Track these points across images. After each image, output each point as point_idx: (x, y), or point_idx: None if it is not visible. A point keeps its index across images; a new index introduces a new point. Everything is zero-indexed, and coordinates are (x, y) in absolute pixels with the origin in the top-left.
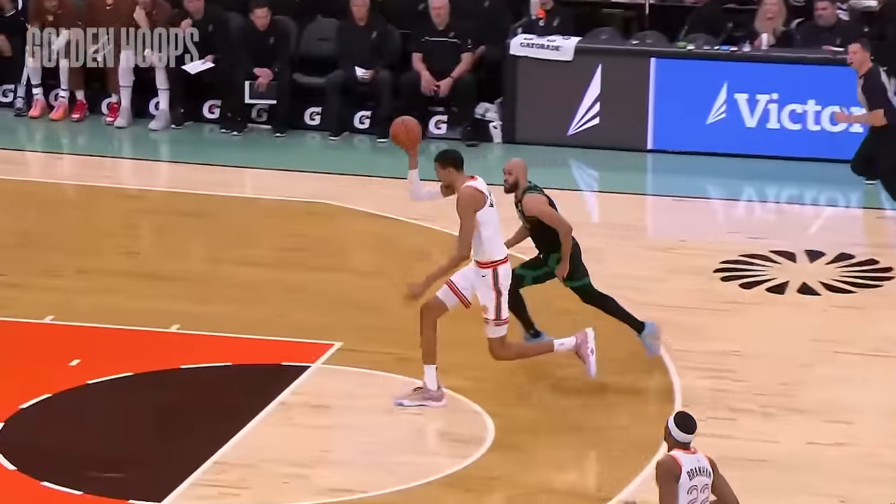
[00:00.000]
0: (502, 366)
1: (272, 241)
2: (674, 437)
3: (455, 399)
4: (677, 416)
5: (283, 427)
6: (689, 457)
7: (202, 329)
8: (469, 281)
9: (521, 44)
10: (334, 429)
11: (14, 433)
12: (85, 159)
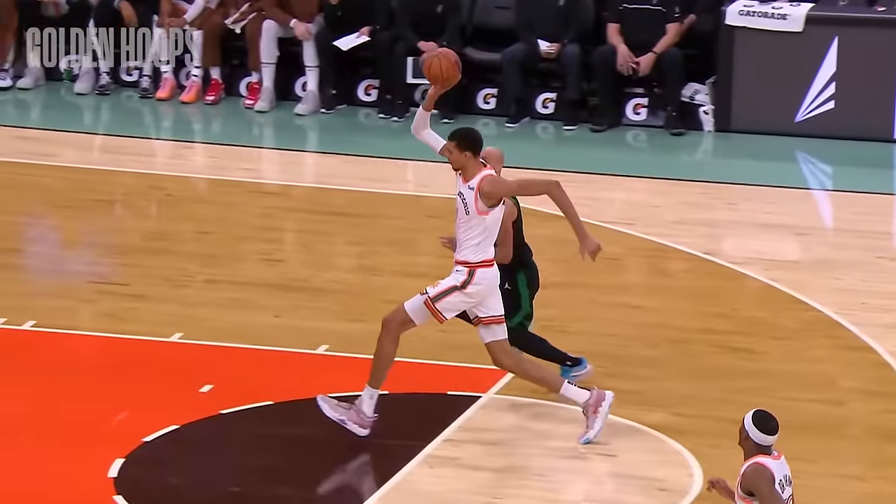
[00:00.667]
0: (709, 399)
1: (437, 246)
2: (752, 440)
3: (652, 437)
4: (756, 415)
5: (448, 469)
6: (777, 463)
7: (354, 351)
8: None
9: (739, 11)
10: (508, 472)
11: (136, 470)
12: (220, 149)
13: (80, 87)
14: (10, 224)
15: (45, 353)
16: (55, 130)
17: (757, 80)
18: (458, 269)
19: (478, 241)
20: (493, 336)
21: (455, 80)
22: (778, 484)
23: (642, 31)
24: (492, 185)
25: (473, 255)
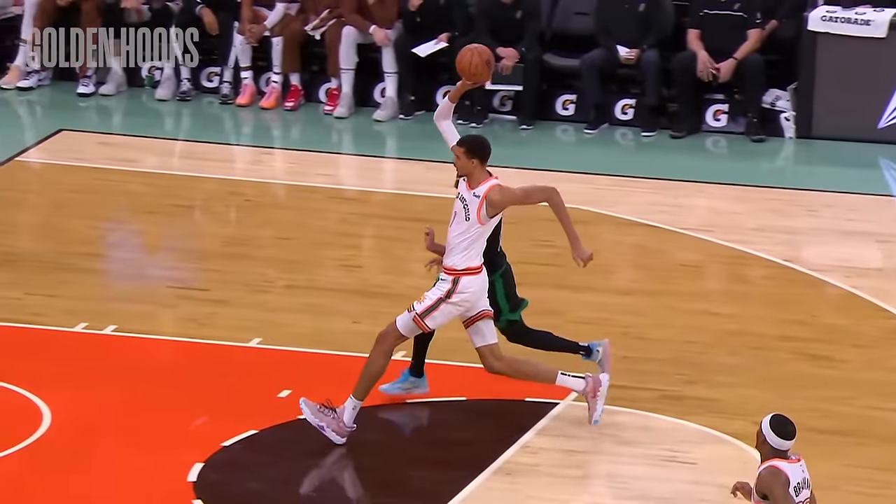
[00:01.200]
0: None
1: (516, 253)
2: (769, 444)
3: (732, 445)
4: (774, 420)
5: (526, 476)
6: (794, 467)
7: (434, 357)
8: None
9: (821, 17)
10: (586, 479)
11: (215, 475)
12: (299, 155)
13: (161, 93)
14: (93, 229)
15: (125, 357)
16: (137, 136)
17: (839, 86)
18: (442, 278)
19: (467, 247)
20: (483, 340)
21: (481, 80)
22: (793, 488)
23: (723, 37)
24: (500, 195)
25: (461, 261)
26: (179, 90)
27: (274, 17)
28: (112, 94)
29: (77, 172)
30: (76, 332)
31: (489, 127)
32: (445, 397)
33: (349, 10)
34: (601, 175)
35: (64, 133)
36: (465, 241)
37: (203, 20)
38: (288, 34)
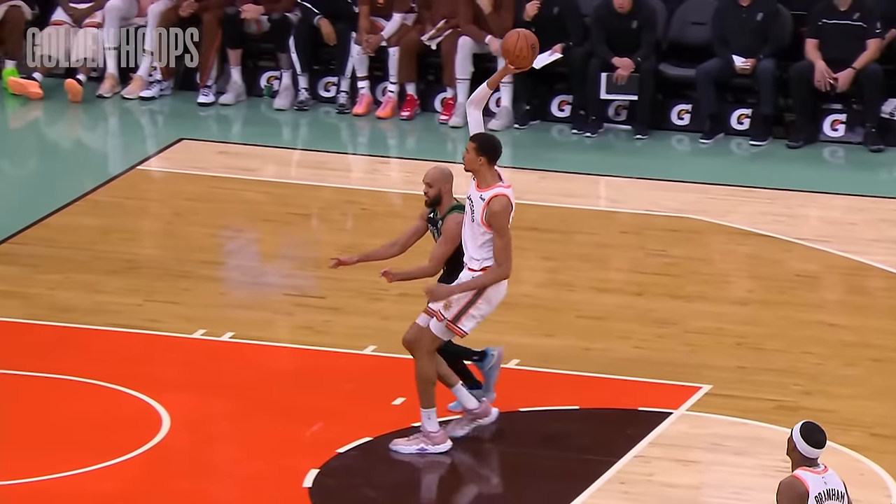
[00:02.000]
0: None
1: (630, 262)
2: (799, 452)
3: (847, 456)
4: (804, 427)
5: (639, 485)
6: (817, 477)
7: (546, 366)
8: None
9: None
10: (700, 489)
11: (330, 481)
12: (414, 164)
13: (279, 103)
14: (211, 237)
15: (242, 364)
16: (255, 145)
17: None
18: (473, 277)
19: (481, 245)
20: (436, 331)
21: (524, 63)
22: (815, 497)
23: (841, 47)
24: (500, 207)
25: (477, 263)
26: (297, 100)
27: (391, 28)
28: (231, 103)
29: (196, 181)
30: (195, 339)
31: (604, 136)
32: (559, 406)
33: (465, 21)
34: (715, 185)
35: (184, 142)
36: (478, 241)
37: (321, 31)
38: (404, 44)
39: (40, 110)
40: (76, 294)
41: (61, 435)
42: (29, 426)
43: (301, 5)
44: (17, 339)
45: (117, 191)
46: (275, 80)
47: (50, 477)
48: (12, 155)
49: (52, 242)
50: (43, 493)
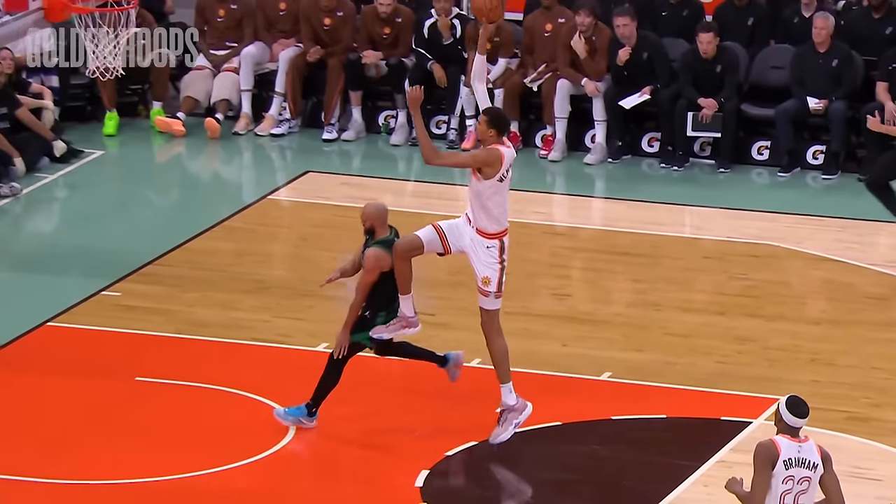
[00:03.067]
0: None
1: (713, 284)
2: (784, 421)
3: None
4: (790, 399)
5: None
6: (793, 444)
7: (635, 378)
8: (461, 241)
9: None
10: None
11: (440, 481)
12: (516, 194)
13: (395, 140)
14: (333, 260)
15: (360, 373)
16: (374, 177)
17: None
18: (489, 245)
19: (482, 207)
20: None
21: (496, 16)
22: (783, 461)
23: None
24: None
25: (490, 224)
26: (411, 136)
27: (497, 71)
28: (352, 139)
29: (321, 209)
30: (318, 352)
31: (690, 170)
32: (648, 415)
33: (563, 65)
34: (792, 214)
35: (310, 174)
36: (479, 203)
37: (434, 74)
38: (509, 86)
39: (183, 146)
40: (213, 311)
41: (200, 437)
42: (173, 429)
43: (416, 51)
44: (162, 351)
45: (250, 218)
46: (391, 118)
47: (192, 474)
48: (158, 186)
49: (193, 264)
50: (185, 488)
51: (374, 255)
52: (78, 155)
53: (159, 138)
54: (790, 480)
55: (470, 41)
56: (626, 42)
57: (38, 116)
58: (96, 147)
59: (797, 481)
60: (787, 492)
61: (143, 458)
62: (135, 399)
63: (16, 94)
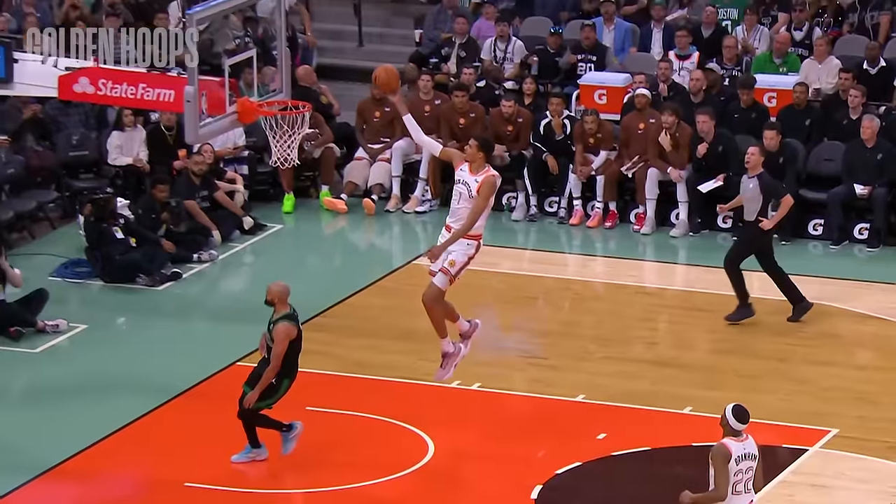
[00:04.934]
0: None
1: (776, 336)
2: (731, 426)
3: None
4: (734, 408)
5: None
6: (738, 444)
7: (712, 412)
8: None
9: None
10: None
11: (552, 494)
12: (613, 261)
13: (515, 216)
14: (466, 313)
15: (487, 406)
16: (498, 247)
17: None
18: (468, 243)
19: (481, 221)
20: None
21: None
22: (734, 459)
23: None
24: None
25: (476, 228)
26: (528, 213)
27: (598, 161)
28: None
29: None
30: (453, 388)
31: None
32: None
33: (653, 156)
34: (842, 279)
35: None
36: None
37: (548, 163)
38: (608, 173)
39: (346, 221)
40: (369, 354)
41: (358, 455)
42: (337, 448)
43: (533, 145)
44: (328, 387)
45: (398, 279)
46: (512, 199)
47: (354, 486)
48: (325, 253)
49: (353, 316)
50: (344, 496)
51: (283, 328)
52: (262, 228)
53: (327, 215)
54: (740, 472)
55: (577, 138)
56: (704, 136)
57: (232, 198)
58: (277, 222)
59: (745, 471)
60: (738, 481)
61: (314, 471)
62: (306, 425)
63: (215, 180)
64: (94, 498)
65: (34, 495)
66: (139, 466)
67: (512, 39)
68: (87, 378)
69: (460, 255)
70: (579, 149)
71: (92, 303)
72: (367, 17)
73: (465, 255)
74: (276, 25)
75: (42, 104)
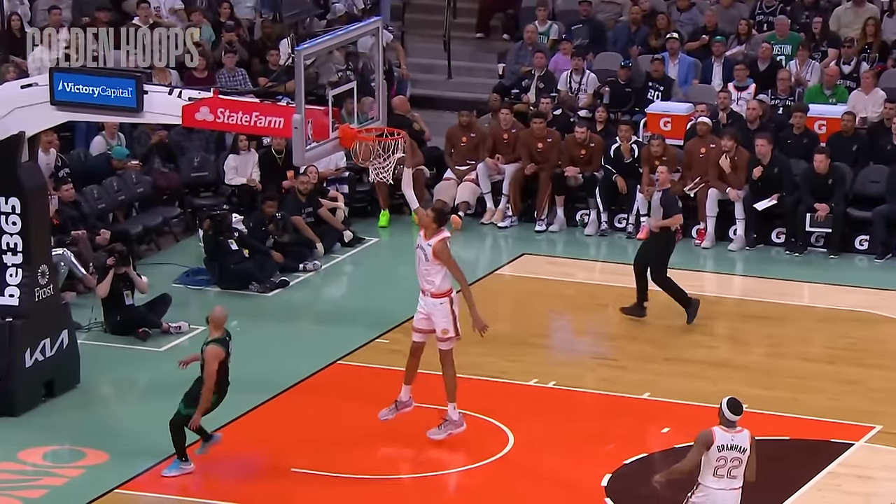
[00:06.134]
0: None
1: (825, 341)
2: (724, 416)
3: None
4: (729, 400)
5: (832, 493)
6: (727, 434)
7: (766, 409)
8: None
9: None
10: (877, 496)
11: (620, 482)
12: (676, 272)
13: (588, 231)
14: (543, 318)
15: (562, 403)
16: (572, 258)
17: None
18: (441, 302)
19: (435, 275)
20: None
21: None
22: (717, 446)
23: None
24: (441, 246)
25: (442, 285)
26: (600, 229)
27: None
28: (557, 231)
29: (533, 282)
30: (530, 385)
31: (807, 256)
32: (775, 436)
33: (713, 178)
34: (886, 290)
35: (525, 256)
36: (433, 273)
37: (617, 184)
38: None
39: None
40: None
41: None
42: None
43: (604, 167)
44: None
45: (482, 287)
46: (585, 216)
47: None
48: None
49: None
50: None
51: (212, 350)
52: (361, 241)
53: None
54: (723, 459)
55: (644, 160)
56: (761, 159)
57: (334, 214)
58: (373, 236)
59: (728, 460)
60: (720, 466)
61: (402, 459)
62: (396, 417)
63: (319, 198)
64: (209, 482)
65: (157, 479)
66: (250, 453)
67: (586, 72)
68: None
69: (443, 320)
70: (646, 170)
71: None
72: (456, 52)
73: (446, 316)
74: (374, 60)
75: (168, 130)
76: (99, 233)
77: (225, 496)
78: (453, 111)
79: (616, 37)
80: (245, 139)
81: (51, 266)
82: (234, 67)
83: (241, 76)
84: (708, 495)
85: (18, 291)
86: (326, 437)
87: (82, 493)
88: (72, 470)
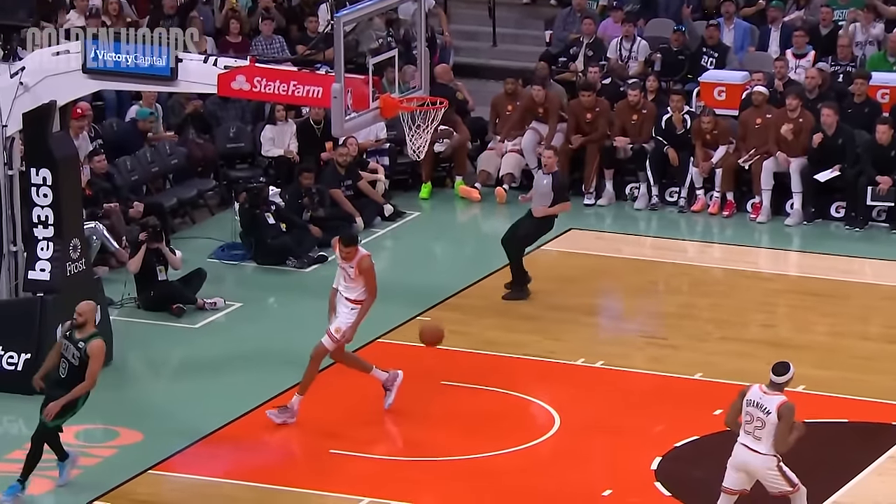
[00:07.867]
0: None
1: (887, 320)
2: (770, 377)
3: None
4: (777, 363)
5: (893, 477)
6: (759, 391)
7: (824, 390)
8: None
9: None
10: None
11: (670, 465)
12: (730, 248)
13: (638, 205)
14: (591, 295)
15: (609, 383)
16: (620, 234)
17: None
18: (352, 308)
19: (355, 289)
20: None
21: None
22: (746, 400)
23: None
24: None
25: (356, 297)
26: (650, 202)
27: (718, 155)
28: (605, 205)
29: (580, 258)
30: (577, 365)
31: (868, 231)
32: (833, 419)
33: (773, 146)
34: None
35: (572, 231)
36: (353, 288)
37: (669, 156)
38: (727, 165)
39: (479, 209)
40: (499, 333)
41: (488, 427)
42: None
43: (655, 138)
44: (461, 362)
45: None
46: (635, 189)
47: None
48: (459, 239)
49: (484, 297)
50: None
51: (98, 345)
52: (402, 215)
53: (461, 202)
54: (748, 415)
55: (695, 134)
56: (826, 129)
57: (374, 187)
58: (415, 209)
59: (754, 418)
60: (747, 422)
61: (446, 441)
62: (439, 397)
63: (358, 170)
64: (247, 462)
65: (191, 459)
66: (289, 433)
67: (636, 39)
68: (241, 351)
69: (344, 323)
70: (698, 145)
71: (246, 282)
72: (501, 18)
73: (347, 320)
74: (416, 27)
75: (203, 100)
76: (132, 205)
77: (261, 478)
78: (498, 80)
79: (668, 2)
80: (282, 109)
81: (83, 240)
82: (271, 34)
83: (278, 43)
84: (735, 446)
85: (50, 266)
86: (364, 417)
87: (115, 473)
88: (105, 450)
